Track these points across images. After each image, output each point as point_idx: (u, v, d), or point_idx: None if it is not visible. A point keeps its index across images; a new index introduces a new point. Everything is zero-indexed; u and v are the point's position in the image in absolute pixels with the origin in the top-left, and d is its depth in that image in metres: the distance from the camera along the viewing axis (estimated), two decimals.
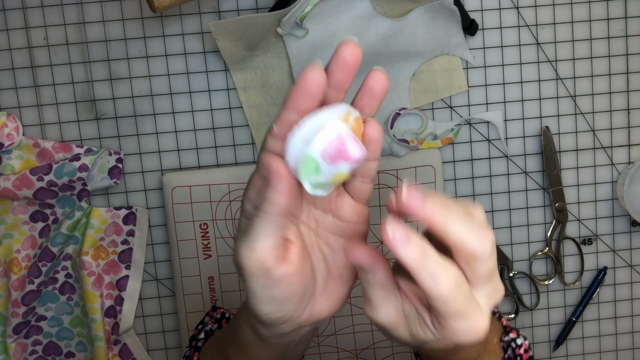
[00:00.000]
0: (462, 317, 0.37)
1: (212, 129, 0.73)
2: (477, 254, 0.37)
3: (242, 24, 0.65)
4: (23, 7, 0.70)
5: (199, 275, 0.73)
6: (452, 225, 0.36)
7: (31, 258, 0.72)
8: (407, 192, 0.35)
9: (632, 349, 0.80)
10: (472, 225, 0.37)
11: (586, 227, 0.77)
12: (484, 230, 0.37)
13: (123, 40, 0.71)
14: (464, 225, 0.37)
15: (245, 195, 0.40)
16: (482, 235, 0.37)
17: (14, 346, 0.73)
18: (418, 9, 0.69)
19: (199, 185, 0.71)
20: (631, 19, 0.74)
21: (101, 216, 0.72)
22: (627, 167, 0.76)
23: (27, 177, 0.69)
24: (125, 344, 0.74)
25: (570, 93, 0.75)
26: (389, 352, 0.76)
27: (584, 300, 0.78)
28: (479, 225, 0.37)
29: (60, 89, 0.71)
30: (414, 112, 0.73)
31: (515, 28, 0.73)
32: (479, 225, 0.37)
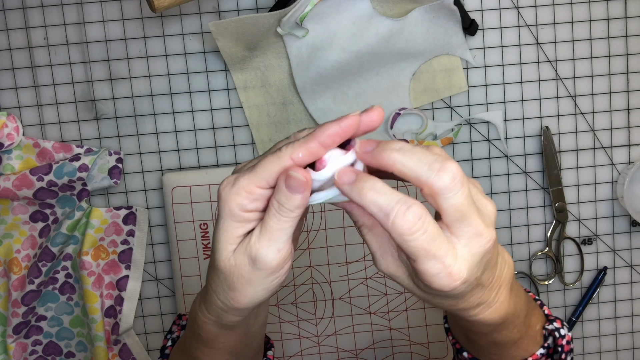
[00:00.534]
0: (428, 257, 0.37)
1: (212, 129, 0.73)
2: (435, 187, 0.37)
3: (242, 24, 0.65)
4: (23, 7, 0.70)
5: (199, 275, 0.73)
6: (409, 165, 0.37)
7: (31, 258, 0.72)
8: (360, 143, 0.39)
9: (632, 349, 0.80)
10: (426, 158, 0.37)
11: (586, 227, 0.77)
12: (440, 163, 0.36)
13: (123, 40, 0.71)
14: (415, 159, 0.37)
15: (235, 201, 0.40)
16: (438, 167, 0.36)
17: (14, 346, 0.73)
18: (418, 9, 0.69)
19: (199, 185, 0.71)
20: (631, 19, 0.74)
21: (101, 216, 0.72)
22: (627, 167, 0.76)
23: (27, 177, 0.69)
24: (125, 344, 0.74)
25: (570, 93, 0.75)
26: (389, 352, 0.76)
27: (584, 300, 0.78)
28: (434, 158, 0.37)
29: (60, 89, 0.71)
30: (414, 112, 0.73)
31: (515, 28, 0.73)
32: (434, 158, 0.37)
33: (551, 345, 0.50)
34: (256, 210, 0.41)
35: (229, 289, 0.42)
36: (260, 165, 0.40)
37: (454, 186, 0.37)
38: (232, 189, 0.40)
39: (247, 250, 0.40)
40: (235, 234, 0.41)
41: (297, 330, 0.75)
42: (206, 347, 0.48)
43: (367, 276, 0.74)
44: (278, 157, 0.39)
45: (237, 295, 0.42)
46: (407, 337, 0.76)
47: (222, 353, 0.48)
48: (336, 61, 0.69)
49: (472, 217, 0.38)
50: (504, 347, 0.48)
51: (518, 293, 0.47)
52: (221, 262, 0.41)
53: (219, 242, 0.41)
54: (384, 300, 0.75)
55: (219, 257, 0.41)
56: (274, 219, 0.39)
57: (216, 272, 0.42)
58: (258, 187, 0.40)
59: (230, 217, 0.40)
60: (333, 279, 0.74)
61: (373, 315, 0.75)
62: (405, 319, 0.75)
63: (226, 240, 0.41)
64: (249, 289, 0.41)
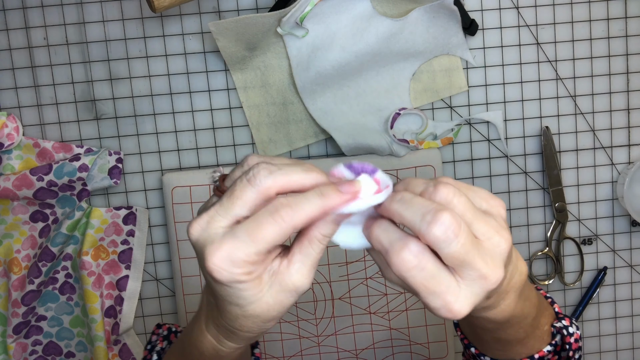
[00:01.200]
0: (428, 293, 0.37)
1: (212, 129, 0.73)
2: (428, 239, 0.36)
3: (242, 24, 0.65)
4: (23, 7, 0.70)
5: (199, 275, 0.73)
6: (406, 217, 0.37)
7: (31, 258, 0.72)
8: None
9: (632, 349, 0.80)
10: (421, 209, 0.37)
11: (586, 227, 0.77)
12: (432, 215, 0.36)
13: (123, 40, 0.71)
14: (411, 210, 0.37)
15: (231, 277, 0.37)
16: (430, 220, 0.36)
17: (14, 346, 0.73)
18: (418, 9, 0.69)
19: (199, 185, 0.71)
20: (631, 19, 0.74)
21: (101, 216, 0.72)
22: (627, 167, 0.76)
23: (27, 177, 0.69)
24: (125, 344, 0.74)
25: (570, 93, 0.75)
26: (389, 352, 0.76)
27: (584, 300, 0.78)
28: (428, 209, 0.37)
29: (60, 89, 0.71)
30: (414, 112, 0.73)
31: (515, 28, 0.73)
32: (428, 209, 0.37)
33: (559, 342, 0.49)
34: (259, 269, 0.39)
35: (266, 321, 0.41)
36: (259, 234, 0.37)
37: (447, 237, 0.36)
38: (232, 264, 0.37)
39: (290, 287, 0.39)
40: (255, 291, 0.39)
41: (297, 330, 0.75)
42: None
43: (367, 276, 0.74)
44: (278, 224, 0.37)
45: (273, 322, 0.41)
46: (407, 337, 0.76)
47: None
48: (336, 61, 0.69)
49: (474, 262, 0.37)
50: (508, 344, 0.48)
51: (528, 296, 0.46)
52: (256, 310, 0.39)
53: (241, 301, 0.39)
54: (384, 300, 0.75)
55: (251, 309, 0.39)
56: (319, 250, 0.39)
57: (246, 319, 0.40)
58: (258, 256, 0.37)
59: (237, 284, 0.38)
60: (333, 279, 0.74)
61: (373, 315, 0.75)
62: (405, 319, 0.75)
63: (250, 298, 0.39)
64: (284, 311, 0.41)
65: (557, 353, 0.50)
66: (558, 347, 0.50)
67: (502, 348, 0.49)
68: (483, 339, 0.49)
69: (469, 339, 0.52)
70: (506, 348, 0.48)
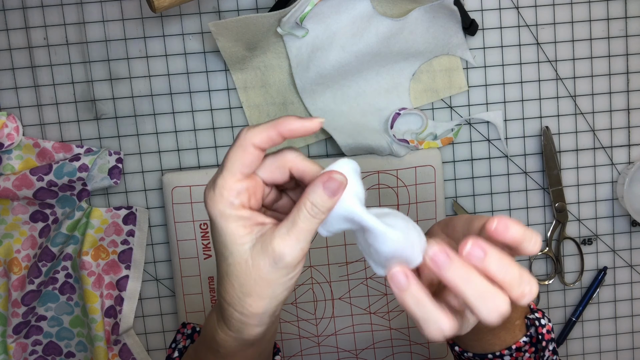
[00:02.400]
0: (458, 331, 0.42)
1: (212, 129, 0.73)
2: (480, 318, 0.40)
3: (242, 24, 0.65)
4: (23, 7, 0.70)
5: (199, 275, 0.73)
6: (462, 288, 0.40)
7: (31, 258, 0.72)
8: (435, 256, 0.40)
9: (632, 349, 0.80)
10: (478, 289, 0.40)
11: (586, 227, 0.77)
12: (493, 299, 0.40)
13: (123, 40, 0.71)
14: (471, 288, 0.40)
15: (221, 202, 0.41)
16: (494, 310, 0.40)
17: (14, 346, 0.73)
18: (418, 9, 0.69)
19: (199, 185, 0.71)
20: (631, 19, 0.74)
21: (101, 216, 0.72)
22: (627, 167, 0.76)
23: (27, 177, 0.69)
24: (125, 344, 0.74)
25: (570, 93, 0.75)
26: (389, 352, 0.76)
27: (584, 300, 0.78)
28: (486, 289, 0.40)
29: (60, 89, 0.71)
30: (414, 112, 0.73)
31: (515, 28, 0.73)
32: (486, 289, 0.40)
33: (533, 334, 0.52)
34: (244, 206, 0.42)
35: (246, 295, 0.42)
36: (229, 160, 0.41)
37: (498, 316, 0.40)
38: (215, 192, 0.41)
39: (269, 251, 0.40)
40: (238, 233, 0.41)
41: (297, 330, 0.75)
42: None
43: (367, 276, 0.74)
44: (241, 147, 0.41)
45: (255, 300, 0.42)
46: (407, 337, 0.76)
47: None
48: (336, 61, 0.69)
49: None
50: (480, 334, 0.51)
51: None
52: (236, 266, 0.41)
53: (226, 247, 0.41)
54: (384, 300, 0.75)
55: (232, 262, 0.41)
56: (305, 220, 0.40)
57: (229, 279, 0.42)
58: (235, 182, 0.41)
59: (223, 218, 0.41)
60: (333, 279, 0.74)
61: (373, 315, 0.75)
62: (405, 319, 0.75)
63: (233, 242, 0.41)
64: (268, 290, 0.41)
65: (533, 345, 0.53)
66: (534, 339, 0.52)
67: (475, 337, 0.52)
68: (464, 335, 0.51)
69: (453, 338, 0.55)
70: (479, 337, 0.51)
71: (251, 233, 0.41)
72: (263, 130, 0.41)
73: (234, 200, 0.41)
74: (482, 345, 0.52)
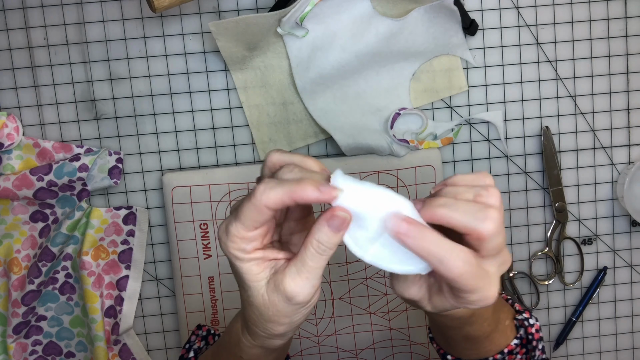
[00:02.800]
0: (474, 291, 0.42)
1: (212, 129, 0.73)
2: (484, 236, 0.41)
3: (242, 24, 0.65)
4: (23, 7, 0.70)
5: (199, 275, 0.73)
6: (455, 218, 0.41)
7: (31, 258, 0.72)
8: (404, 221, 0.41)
9: (632, 349, 0.80)
10: (475, 211, 0.41)
11: (586, 227, 0.77)
12: (484, 212, 0.41)
13: (123, 40, 0.71)
14: (467, 213, 0.41)
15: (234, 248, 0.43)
16: (483, 217, 0.41)
17: (14, 346, 0.73)
18: (418, 9, 0.69)
19: (199, 185, 0.71)
20: (631, 19, 0.74)
21: (101, 216, 0.72)
22: (627, 167, 0.76)
23: (27, 177, 0.69)
24: (125, 344, 0.74)
25: (570, 93, 0.75)
26: (389, 352, 0.76)
27: (584, 300, 0.78)
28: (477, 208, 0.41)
29: (60, 89, 0.71)
30: (414, 112, 0.73)
31: (515, 28, 0.73)
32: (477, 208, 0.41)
33: (524, 336, 0.53)
34: (256, 249, 0.43)
35: (267, 321, 0.44)
36: (242, 214, 0.42)
37: (497, 230, 0.41)
38: (228, 238, 0.43)
39: (281, 290, 0.43)
40: (253, 272, 0.43)
41: (297, 330, 0.75)
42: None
43: (367, 276, 0.74)
44: (255, 207, 0.41)
45: (275, 325, 0.45)
46: (407, 337, 0.76)
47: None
48: (336, 61, 0.69)
49: (504, 249, 0.44)
50: (477, 341, 0.51)
51: None
52: (255, 299, 0.44)
53: (245, 282, 0.44)
54: (384, 300, 0.75)
55: (252, 295, 0.44)
56: (314, 258, 0.42)
57: (251, 308, 0.45)
58: (247, 232, 0.42)
59: (237, 260, 0.43)
60: (333, 279, 0.74)
61: (373, 315, 0.75)
62: (405, 319, 0.75)
63: (249, 279, 0.43)
64: (286, 319, 0.44)
65: (524, 346, 0.54)
66: (524, 340, 0.54)
67: (472, 347, 0.52)
68: (455, 339, 0.52)
69: (444, 348, 0.56)
70: (476, 346, 0.52)
71: (265, 270, 0.43)
72: (278, 196, 0.41)
73: (246, 247, 0.43)
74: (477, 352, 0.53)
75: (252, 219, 0.42)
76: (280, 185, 0.41)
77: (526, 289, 0.78)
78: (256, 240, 0.43)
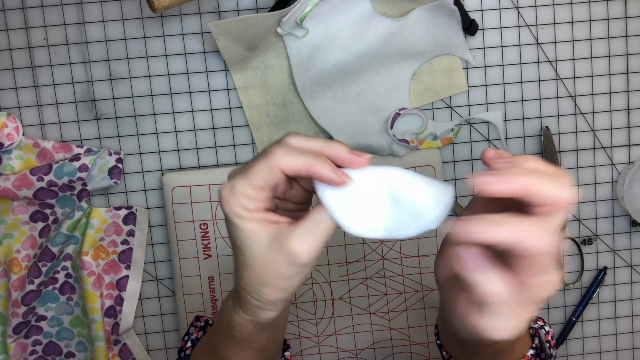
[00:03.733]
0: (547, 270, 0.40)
1: (212, 129, 0.73)
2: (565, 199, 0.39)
3: (242, 24, 0.65)
4: (23, 7, 0.70)
5: (199, 275, 0.73)
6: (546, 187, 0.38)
7: (31, 258, 0.72)
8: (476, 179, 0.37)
9: (632, 349, 0.80)
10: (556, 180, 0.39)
11: (586, 227, 0.77)
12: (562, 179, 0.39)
13: (123, 40, 0.71)
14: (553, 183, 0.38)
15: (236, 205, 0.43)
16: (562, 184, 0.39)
17: (14, 346, 0.73)
18: (418, 9, 0.69)
19: (199, 185, 0.71)
20: (631, 19, 0.74)
21: (101, 216, 0.72)
22: (627, 167, 0.76)
23: (27, 177, 0.69)
24: (125, 344, 0.74)
25: (570, 93, 0.75)
26: (389, 352, 0.76)
27: (584, 300, 0.78)
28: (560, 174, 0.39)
29: (60, 89, 0.71)
30: (414, 112, 0.73)
31: (515, 28, 0.73)
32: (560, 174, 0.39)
33: (538, 345, 0.52)
34: (259, 210, 0.43)
35: (262, 285, 0.43)
36: (253, 171, 0.42)
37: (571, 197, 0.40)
38: (232, 194, 0.42)
39: (286, 250, 0.42)
40: (254, 230, 0.42)
41: (297, 330, 0.75)
42: (238, 347, 0.49)
43: (367, 276, 0.74)
44: (269, 166, 0.41)
45: (270, 290, 0.43)
46: (407, 337, 0.76)
47: (252, 352, 0.49)
48: (336, 61, 0.69)
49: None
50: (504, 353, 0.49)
51: None
52: (253, 260, 0.43)
53: (242, 242, 0.43)
54: (384, 300, 0.75)
55: (250, 256, 0.43)
56: (326, 221, 0.42)
57: (246, 270, 0.44)
58: (253, 191, 0.42)
59: (239, 218, 0.42)
60: (333, 279, 0.74)
61: (373, 315, 0.75)
62: (405, 319, 0.75)
63: (249, 239, 0.43)
64: (283, 283, 0.43)
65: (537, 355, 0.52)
66: (538, 350, 0.52)
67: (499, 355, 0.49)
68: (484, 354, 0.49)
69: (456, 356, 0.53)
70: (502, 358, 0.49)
71: (266, 231, 0.43)
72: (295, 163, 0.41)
73: (250, 205, 0.42)
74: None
75: (263, 178, 0.42)
76: (301, 154, 0.41)
77: None
78: (259, 202, 0.43)
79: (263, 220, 0.43)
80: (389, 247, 0.74)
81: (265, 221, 0.43)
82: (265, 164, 0.41)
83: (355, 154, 0.42)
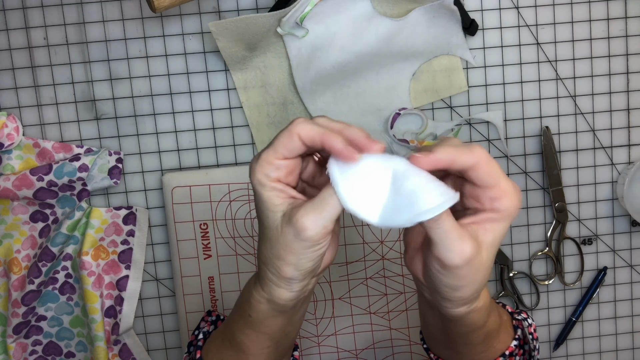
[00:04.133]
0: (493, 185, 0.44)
1: (212, 129, 0.73)
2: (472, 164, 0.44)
3: (242, 24, 0.65)
4: (23, 7, 0.70)
5: (199, 275, 0.73)
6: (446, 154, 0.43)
7: (31, 258, 0.72)
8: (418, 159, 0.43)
9: (632, 349, 0.80)
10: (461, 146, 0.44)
11: (586, 227, 0.77)
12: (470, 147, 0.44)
13: (123, 40, 0.71)
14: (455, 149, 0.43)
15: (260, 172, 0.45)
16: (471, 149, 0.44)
17: (14, 346, 0.73)
18: (418, 9, 0.69)
19: (199, 185, 0.71)
20: (631, 19, 0.74)
21: (101, 216, 0.72)
22: (627, 167, 0.76)
23: (27, 177, 0.69)
24: (125, 344, 0.74)
25: (570, 93, 0.75)
26: (389, 352, 0.76)
27: (584, 300, 0.78)
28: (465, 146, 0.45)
29: (60, 89, 0.71)
30: (414, 112, 0.73)
31: (515, 28, 0.73)
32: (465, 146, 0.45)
33: (521, 336, 0.54)
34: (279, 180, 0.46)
35: (275, 257, 0.45)
36: (277, 140, 0.45)
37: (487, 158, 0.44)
38: (257, 163, 0.45)
39: (292, 222, 0.44)
40: (273, 201, 0.45)
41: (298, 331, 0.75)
42: (253, 330, 0.50)
43: (367, 276, 0.74)
44: (289, 133, 0.45)
45: (282, 264, 0.45)
46: (407, 337, 0.76)
47: (266, 339, 0.51)
48: (336, 61, 0.69)
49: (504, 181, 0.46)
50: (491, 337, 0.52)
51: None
52: (269, 230, 0.45)
53: (262, 212, 0.46)
54: (384, 300, 0.75)
55: (268, 226, 0.46)
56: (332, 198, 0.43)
57: (264, 241, 0.46)
58: (275, 159, 0.45)
59: (261, 186, 0.45)
60: (333, 279, 0.74)
61: (373, 315, 0.75)
62: (405, 319, 0.75)
63: (268, 209, 0.45)
64: (292, 257, 0.45)
65: (521, 347, 0.54)
66: (522, 341, 0.54)
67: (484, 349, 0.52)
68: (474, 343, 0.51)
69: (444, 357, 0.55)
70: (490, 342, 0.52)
71: (284, 203, 0.45)
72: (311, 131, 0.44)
73: (272, 173, 0.45)
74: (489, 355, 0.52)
75: (284, 145, 0.44)
76: (317, 125, 0.44)
77: (526, 289, 0.78)
78: (281, 171, 0.45)
79: (282, 191, 0.45)
80: (389, 247, 0.74)
81: (284, 193, 0.45)
82: (287, 132, 0.45)
83: (372, 140, 0.45)
